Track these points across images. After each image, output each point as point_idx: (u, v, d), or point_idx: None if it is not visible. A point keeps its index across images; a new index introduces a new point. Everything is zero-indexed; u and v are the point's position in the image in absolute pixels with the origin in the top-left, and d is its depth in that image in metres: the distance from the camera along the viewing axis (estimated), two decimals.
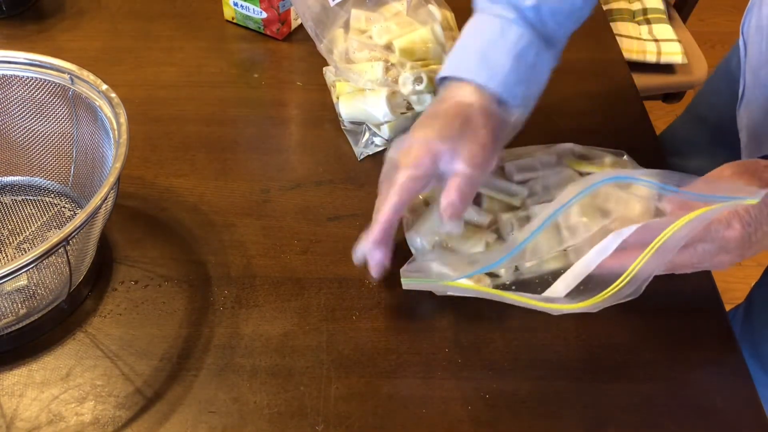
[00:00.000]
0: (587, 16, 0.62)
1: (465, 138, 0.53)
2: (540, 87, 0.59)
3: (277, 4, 0.81)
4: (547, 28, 0.58)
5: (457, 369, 0.55)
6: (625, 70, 0.84)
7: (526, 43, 0.56)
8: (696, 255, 0.52)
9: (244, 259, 0.62)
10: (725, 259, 0.52)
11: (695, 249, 0.52)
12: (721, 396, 0.55)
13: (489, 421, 0.53)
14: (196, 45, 0.84)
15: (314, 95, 0.78)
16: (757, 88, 0.70)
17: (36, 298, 0.57)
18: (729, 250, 0.52)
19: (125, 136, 0.53)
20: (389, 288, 0.60)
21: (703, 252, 0.52)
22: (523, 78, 0.57)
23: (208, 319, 0.57)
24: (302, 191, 0.68)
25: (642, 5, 1.42)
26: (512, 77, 0.56)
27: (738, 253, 0.52)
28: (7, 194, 0.65)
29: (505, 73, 0.55)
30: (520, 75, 0.56)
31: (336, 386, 0.54)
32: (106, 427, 0.51)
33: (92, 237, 0.55)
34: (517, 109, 0.57)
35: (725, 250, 0.52)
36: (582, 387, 0.55)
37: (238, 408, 0.52)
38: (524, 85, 0.57)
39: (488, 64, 0.55)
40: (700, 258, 0.52)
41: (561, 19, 0.59)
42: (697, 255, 0.52)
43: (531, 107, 0.59)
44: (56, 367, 0.54)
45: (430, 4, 0.76)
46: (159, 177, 0.68)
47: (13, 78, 0.60)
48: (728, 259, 0.52)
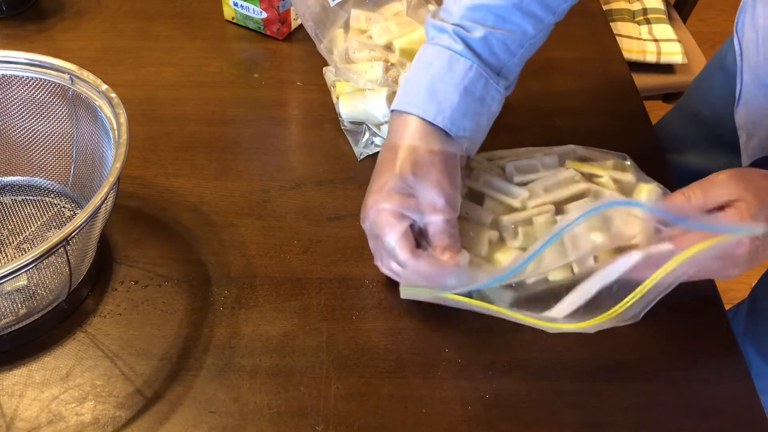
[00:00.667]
0: (542, 43, 0.62)
1: (420, 188, 0.54)
2: (490, 117, 0.60)
3: (277, 4, 0.81)
4: (497, 58, 0.59)
5: (457, 369, 0.55)
6: (625, 70, 0.84)
7: (474, 75, 0.57)
8: (704, 270, 0.52)
9: (244, 259, 0.62)
10: (734, 272, 0.52)
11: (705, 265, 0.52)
12: (721, 396, 0.55)
13: (489, 421, 0.53)
14: (196, 45, 0.84)
15: (314, 95, 0.78)
16: (756, 87, 0.70)
17: (36, 298, 0.57)
18: (738, 265, 0.52)
19: (125, 136, 0.53)
20: (389, 288, 0.60)
21: (712, 267, 0.52)
22: (471, 111, 0.57)
23: (208, 319, 0.57)
24: (302, 191, 0.68)
25: (642, 5, 1.42)
26: (460, 111, 0.56)
27: (746, 266, 0.52)
28: (7, 194, 0.65)
29: (453, 107, 0.56)
30: (468, 108, 0.57)
31: (336, 386, 0.54)
32: (106, 427, 0.51)
33: (92, 237, 0.55)
34: (466, 141, 0.58)
35: (735, 264, 0.52)
36: (582, 387, 0.55)
37: (238, 408, 0.52)
38: (472, 118, 0.57)
39: (436, 99, 0.56)
40: (708, 272, 0.53)
41: (513, 48, 0.59)
42: (705, 270, 0.52)
43: (482, 138, 0.60)
44: (56, 367, 0.54)
45: (430, 4, 0.76)
46: (159, 177, 0.68)
47: (13, 78, 0.60)
48: (737, 272, 0.52)
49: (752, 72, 0.70)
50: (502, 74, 0.60)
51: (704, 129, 0.88)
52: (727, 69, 0.80)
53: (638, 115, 0.78)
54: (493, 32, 0.57)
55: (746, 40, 0.71)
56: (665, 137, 0.95)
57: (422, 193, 0.54)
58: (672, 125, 0.96)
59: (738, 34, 0.73)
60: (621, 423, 0.53)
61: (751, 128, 0.72)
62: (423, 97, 0.56)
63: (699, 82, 0.91)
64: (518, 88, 0.64)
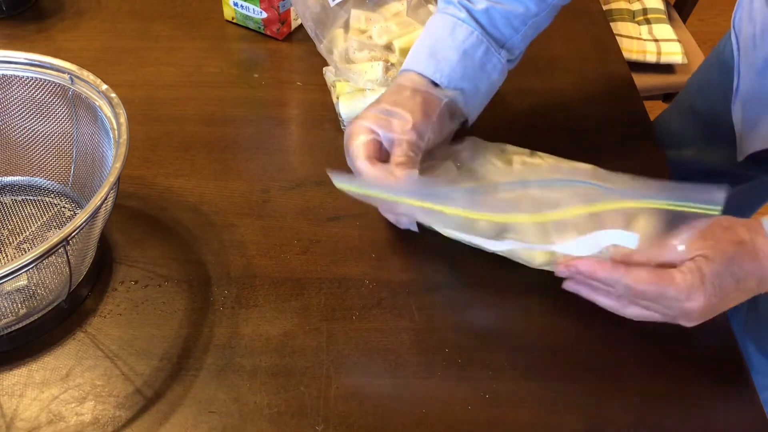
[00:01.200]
0: (547, 24, 0.64)
1: (394, 113, 0.58)
2: (490, 85, 0.63)
3: (277, 4, 0.81)
4: (499, 31, 0.61)
5: (457, 369, 0.55)
6: (625, 70, 0.84)
7: (474, 41, 0.60)
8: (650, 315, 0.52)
9: (244, 259, 0.62)
10: (686, 323, 0.52)
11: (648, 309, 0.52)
12: (721, 396, 0.55)
13: (489, 421, 0.53)
14: (196, 45, 0.84)
15: (314, 95, 0.78)
16: (752, 82, 0.70)
17: (36, 298, 0.57)
18: (691, 319, 0.51)
19: (125, 136, 0.53)
20: (389, 288, 0.60)
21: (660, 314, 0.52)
22: (469, 74, 0.61)
23: (208, 319, 0.57)
24: (302, 191, 0.68)
25: (642, 5, 1.42)
26: (458, 72, 0.60)
27: (700, 319, 0.51)
28: (7, 194, 0.65)
29: (451, 67, 0.60)
30: (467, 71, 0.61)
31: (336, 386, 0.54)
32: (106, 427, 0.51)
33: (92, 237, 0.55)
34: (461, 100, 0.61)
35: (687, 318, 0.51)
36: (582, 387, 0.55)
37: (238, 408, 0.52)
38: (470, 81, 0.61)
39: (436, 59, 0.60)
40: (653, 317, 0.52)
41: (516, 24, 0.62)
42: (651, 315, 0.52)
43: (481, 104, 0.64)
44: (56, 367, 0.54)
45: (430, 4, 0.76)
46: (159, 177, 0.68)
47: (13, 78, 0.60)
48: (689, 323, 0.52)
49: (749, 67, 0.70)
50: (506, 47, 0.62)
51: (702, 124, 0.88)
52: (724, 64, 0.80)
53: (638, 114, 0.78)
54: (495, 6, 0.60)
55: (743, 36, 0.71)
56: (663, 133, 0.95)
57: (395, 116, 0.58)
58: (670, 121, 0.96)
59: (735, 30, 0.73)
60: (621, 423, 0.53)
61: (746, 123, 0.72)
62: (424, 57, 0.61)
63: (697, 78, 0.91)
64: (518, 87, 0.64)
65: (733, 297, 0.50)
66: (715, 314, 0.51)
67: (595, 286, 0.53)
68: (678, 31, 1.37)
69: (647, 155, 0.73)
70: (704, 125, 0.88)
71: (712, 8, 2.18)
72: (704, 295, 0.49)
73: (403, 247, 0.63)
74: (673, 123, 0.95)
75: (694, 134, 0.90)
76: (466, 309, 0.59)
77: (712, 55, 0.87)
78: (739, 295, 0.51)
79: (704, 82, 0.89)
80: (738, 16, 0.72)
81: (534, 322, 0.58)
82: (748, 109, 0.71)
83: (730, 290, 0.50)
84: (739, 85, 0.72)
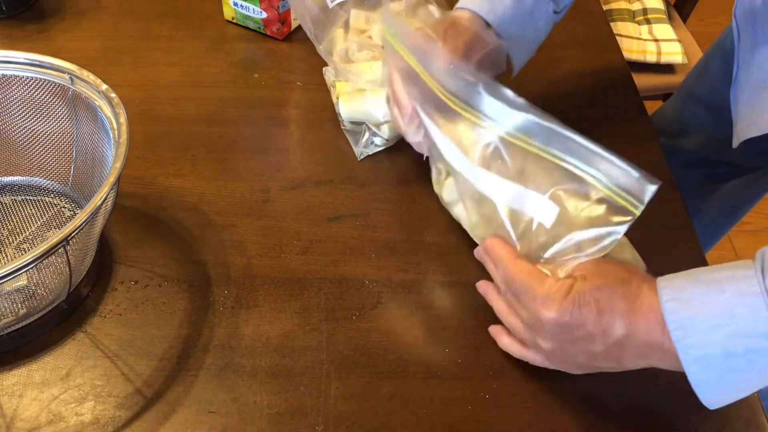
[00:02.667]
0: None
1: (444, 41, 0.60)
2: (536, 32, 0.67)
3: (277, 4, 0.81)
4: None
5: (457, 369, 0.55)
6: (625, 70, 0.84)
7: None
8: (514, 322, 0.53)
9: (244, 259, 0.62)
10: (539, 350, 0.52)
11: (511, 307, 0.53)
12: None
13: (489, 421, 0.53)
14: (196, 45, 0.84)
15: (314, 95, 0.78)
16: (750, 69, 0.71)
17: (36, 298, 0.57)
18: (543, 335, 0.50)
19: (125, 136, 0.53)
20: (389, 288, 0.60)
21: (520, 320, 0.52)
22: (519, 19, 0.64)
23: (208, 319, 0.57)
24: (302, 191, 0.68)
25: (642, 5, 1.42)
26: (509, 15, 0.63)
27: (549, 343, 0.50)
28: (7, 194, 0.65)
29: (504, 9, 0.63)
30: (517, 15, 0.64)
31: (336, 386, 0.54)
32: (106, 427, 0.51)
33: (92, 237, 0.55)
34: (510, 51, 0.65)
35: (539, 333, 0.50)
36: (582, 387, 0.55)
37: (238, 408, 0.52)
38: (519, 25, 0.64)
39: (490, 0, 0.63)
40: (514, 326, 0.53)
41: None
42: (515, 322, 0.53)
43: (527, 53, 0.68)
44: (56, 367, 0.54)
45: (429, 4, 0.76)
46: (159, 177, 0.68)
47: (13, 78, 0.60)
48: (542, 344, 0.50)
49: (748, 54, 0.71)
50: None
51: (704, 114, 0.89)
52: (725, 52, 0.81)
53: (638, 115, 0.78)
54: None
55: (743, 24, 0.72)
56: (666, 123, 0.96)
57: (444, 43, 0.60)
58: (673, 111, 0.97)
59: (736, 18, 0.74)
60: (621, 423, 0.53)
61: (742, 109, 0.72)
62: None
63: (699, 67, 0.93)
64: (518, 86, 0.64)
65: (587, 332, 0.47)
66: (565, 350, 0.50)
67: (486, 261, 0.55)
68: (678, 31, 1.37)
69: (647, 155, 0.73)
70: (706, 114, 0.88)
71: (712, 8, 2.18)
72: (559, 309, 0.47)
73: (403, 247, 0.63)
74: (675, 112, 0.96)
75: (696, 124, 0.91)
76: (466, 309, 0.59)
77: (715, 44, 0.88)
78: (594, 337, 0.47)
79: (705, 70, 0.90)
80: (740, 4, 0.73)
81: None
82: (744, 96, 0.72)
83: (588, 319, 0.47)
84: (738, 73, 0.73)
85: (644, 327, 0.46)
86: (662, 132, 0.95)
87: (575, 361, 0.51)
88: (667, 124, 0.95)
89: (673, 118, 0.95)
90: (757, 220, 1.75)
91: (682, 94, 0.95)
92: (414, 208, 0.67)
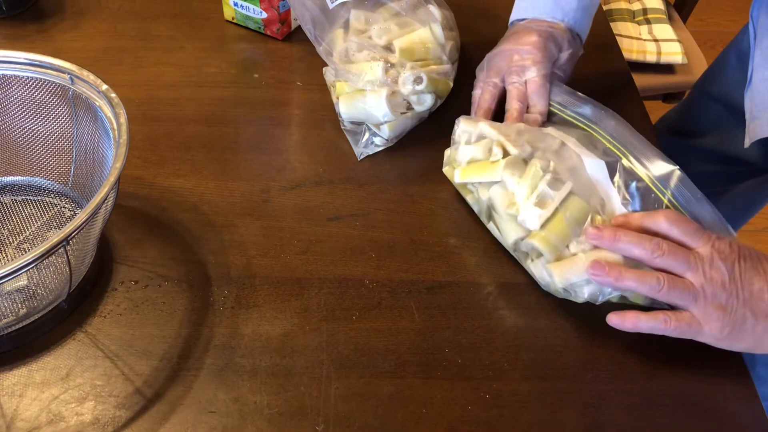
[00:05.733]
0: None
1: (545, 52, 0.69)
2: (594, 11, 0.75)
3: (277, 4, 0.81)
4: None
5: (457, 369, 0.55)
6: (625, 70, 0.84)
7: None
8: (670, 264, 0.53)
9: (244, 259, 0.62)
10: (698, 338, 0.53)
11: (670, 254, 0.53)
12: (721, 396, 0.55)
13: (489, 421, 0.53)
14: (196, 45, 0.84)
15: (314, 95, 0.78)
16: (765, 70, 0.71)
17: (36, 298, 0.57)
18: (722, 261, 0.51)
19: (125, 136, 0.53)
20: (389, 288, 0.60)
21: (677, 263, 0.52)
22: (586, 10, 0.72)
23: (208, 319, 0.58)
24: (302, 191, 0.68)
25: (642, 5, 1.42)
26: (579, 12, 0.71)
27: (719, 281, 0.51)
28: (7, 194, 0.65)
29: (573, 9, 0.71)
30: (584, 8, 0.71)
31: (336, 386, 0.54)
32: (106, 427, 0.51)
33: (92, 237, 0.55)
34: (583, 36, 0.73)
35: (714, 263, 0.52)
36: (582, 387, 0.55)
37: (238, 408, 0.52)
38: (587, 15, 0.72)
39: (559, 5, 0.71)
40: (671, 266, 0.53)
41: None
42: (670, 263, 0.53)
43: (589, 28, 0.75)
44: (56, 367, 0.54)
45: (429, 4, 0.76)
46: (159, 177, 0.68)
47: (13, 78, 0.60)
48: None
49: (763, 55, 0.71)
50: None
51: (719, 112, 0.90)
52: (742, 53, 0.82)
53: (638, 115, 0.78)
54: None
55: (760, 24, 0.72)
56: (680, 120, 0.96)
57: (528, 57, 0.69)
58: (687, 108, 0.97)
59: (753, 19, 0.74)
60: (621, 423, 0.53)
61: (756, 110, 0.72)
62: (549, 5, 0.71)
63: (714, 66, 0.93)
64: None
65: (764, 267, 0.51)
66: (735, 281, 0.51)
67: (618, 235, 0.54)
68: (678, 31, 1.37)
69: None
70: (721, 113, 0.89)
71: (712, 8, 2.19)
72: (737, 241, 0.52)
73: (403, 247, 0.63)
74: (690, 111, 0.96)
75: (711, 122, 0.92)
76: (466, 309, 0.59)
77: (732, 43, 0.89)
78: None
79: (721, 70, 0.91)
80: (756, 5, 0.73)
81: (534, 322, 0.58)
82: (757, 96, 0.72)
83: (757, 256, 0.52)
84: (753, 73, 0.73)
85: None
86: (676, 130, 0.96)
87: (737, 293, 0.51)
88: (681, 123, 0.95)
89: (688, 117, 0.96)
90: (757, 220, 1.74)
91: (697, 92, 0.96)
92: (414, 208, 0.67)
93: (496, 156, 0.62)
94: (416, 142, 0.73)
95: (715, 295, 0.51)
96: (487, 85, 0.71)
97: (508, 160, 0.61)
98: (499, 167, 0.61)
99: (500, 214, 0.61)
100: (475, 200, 0.65)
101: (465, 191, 0.66)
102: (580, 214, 0.57)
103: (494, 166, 0.62)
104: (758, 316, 0.51)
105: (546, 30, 0.70)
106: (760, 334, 0.51)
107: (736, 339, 0.52)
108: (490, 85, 0.71)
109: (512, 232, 0.60)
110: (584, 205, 0.57)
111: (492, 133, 0.64)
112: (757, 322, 0.51)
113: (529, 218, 0.57)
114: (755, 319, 0.51)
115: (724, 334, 0.52)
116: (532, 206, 0.57)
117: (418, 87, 0.69)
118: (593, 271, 0.53)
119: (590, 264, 0.54)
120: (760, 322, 0.51)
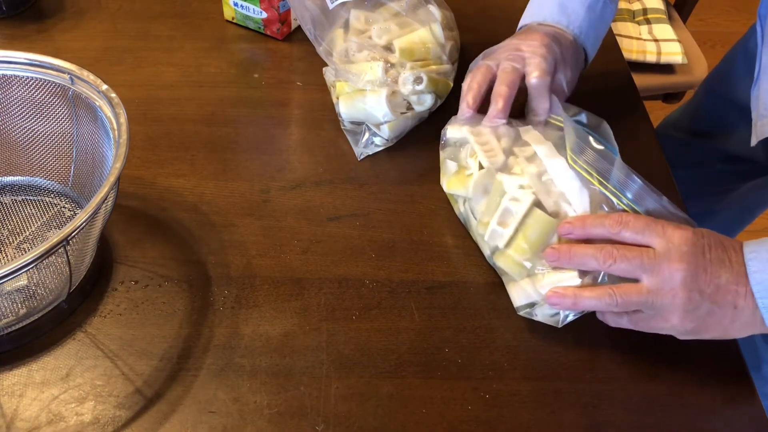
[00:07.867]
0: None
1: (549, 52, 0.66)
2: (604, 33, 0.73)
3: (277, 4, 0.81)
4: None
5: (457, 369, 0.55)
6: (625, 70, 0.84)
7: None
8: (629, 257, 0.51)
9: (244, 259, 0.62)
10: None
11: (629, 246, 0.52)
12: (721, 396, 0.55)
13: (489, 421, 0.53)
14: (196, 45, 0.84)
15: (314, 95, 0.78)
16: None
17: (36, 298, 0.57)
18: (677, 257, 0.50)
19: (125, 136, 0.53)
20: (389, 288, 0.60)
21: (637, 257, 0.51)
22: (594, 24, 0.70)
23: (208, 319, 0.58)
24: (302, 191, 0.68)
25: (642, 5, 1.42)
26: (585, 23, 0.69)
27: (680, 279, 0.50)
28: (7, 194, 0.65)
29: (580, 19, 0.69)
30: (592, 21, 0.70)
31: (336, 386, 0.54)
32: (106, 427, 0.51)
33: (92, 237, 0.55)
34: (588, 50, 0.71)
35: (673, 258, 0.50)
36: (582, 387, 0.55)
37: (238, 408, 0.52)
38: (594, 30, 0.70)
39: (566, 12, 0.69)
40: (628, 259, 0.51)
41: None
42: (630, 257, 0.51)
43: (598, 45, 0.73)
44: (56, 367, 0.54)
45: (429, 4, 0.76)
46: (159, 177, 0.68)
47: (13, 78, 0.60)
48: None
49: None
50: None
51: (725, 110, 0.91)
52: (748, 52, 0.82)
53: (638, 115, 0.78)
54: None
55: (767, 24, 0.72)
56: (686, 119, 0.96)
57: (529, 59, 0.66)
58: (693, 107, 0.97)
59: (761, 18, 0.74)
60: (621, 423, 0.53)
61: (762, 108, 0.72)
62: (556, 11, 0.69)
63: (721, 65, 0.94)
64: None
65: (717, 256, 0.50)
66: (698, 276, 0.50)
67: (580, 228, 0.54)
68: (678, 31, 1.37)
69: (648, 155, 0.73)
70: (728, 112, 0.89)
71: (712, 8, 2.19)
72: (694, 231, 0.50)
73: (403, 247, 0.63)
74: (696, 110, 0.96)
75: (719, 121, 0.92)
76: (466, 309, 0.59)
77: (739, 43, 0.89)
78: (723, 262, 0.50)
79: (728, 69, 0.90)
80: (763, 4, 0.73)
81: (534, 322, 0.58)
82: (764, 95, 0.72)
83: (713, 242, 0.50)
84: (759, 72, 0.73)
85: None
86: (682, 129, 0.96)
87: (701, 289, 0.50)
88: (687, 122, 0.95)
89: (694, 116, 0.96)
90: (757, 220, 1.75)
91: (704, 91, 0.96)
92: (414, 208, 0.67)
93: (471, 169, 0.62)
94: (416, 142, 0.73)
95: (675, 294, 0.50)
96: (479, 68, 0.66)
97: (480, 175, 0.60)
98: (470, 183, 0.61)
99: (473, 231, 0.62)
100: (458, 211, 0.65)
101: (452, 200, 0.66)
102: (546, 228, 0.55)
103: (468, 181, 0.62)
104: (725, 307, 0.50)
105: (552, 32, 0.68)
106: (727, 324, 0.51)
107: (701, 332, 0.52)
108: (483, 67, 0.66)
109: (485, 247, 0.61)
110: (549, 220, 0.55)
111: (471, 140, 0.63)
112: (724, 314, 0.50)
113: (492, 238, 0.58)
114: (722, 311, 0.50)
115: (687, 329, 0.51)
116: (495, 225, 0.57)
117: (418, 87, 0.69)
118: (553, 301, 0.54)
119: (548, 296, 0.54)
120: (727, 314, 0.50)
